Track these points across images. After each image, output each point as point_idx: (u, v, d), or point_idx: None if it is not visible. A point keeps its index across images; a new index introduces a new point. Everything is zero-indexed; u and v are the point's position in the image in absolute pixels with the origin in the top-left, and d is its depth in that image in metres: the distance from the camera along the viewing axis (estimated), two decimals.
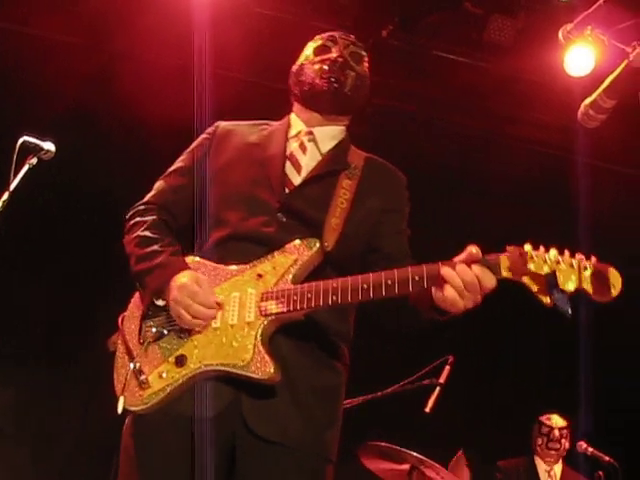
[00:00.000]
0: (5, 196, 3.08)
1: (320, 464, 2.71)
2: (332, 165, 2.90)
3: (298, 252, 2.69)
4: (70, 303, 5.68)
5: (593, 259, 2.39)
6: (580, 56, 5.37)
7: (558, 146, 6.61)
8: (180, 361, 2.66)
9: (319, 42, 3.05)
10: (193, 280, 2.67)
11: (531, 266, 2.40)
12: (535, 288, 2.41)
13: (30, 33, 5.88)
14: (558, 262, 2.38)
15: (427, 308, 2.58)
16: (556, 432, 6.25)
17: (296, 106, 3.05)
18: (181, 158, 3.01)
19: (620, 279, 2.35)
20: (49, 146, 3.27)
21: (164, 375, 2.65)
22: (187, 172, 2.96)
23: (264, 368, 2.57)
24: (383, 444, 5.09)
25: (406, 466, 5.14)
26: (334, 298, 2.56)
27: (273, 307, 2.62)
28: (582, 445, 5.88)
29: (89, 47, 5.96)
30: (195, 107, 3.95)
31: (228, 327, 2.66)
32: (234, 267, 2.73)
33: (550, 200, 6.62)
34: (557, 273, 2.36)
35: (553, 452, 6.24)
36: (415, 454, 5.06)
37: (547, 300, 2.38)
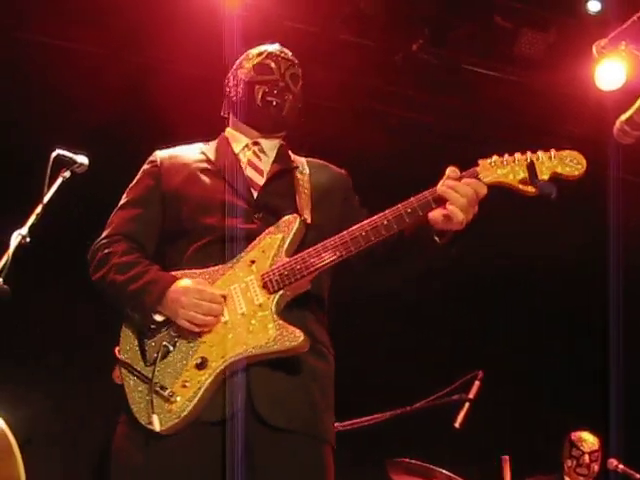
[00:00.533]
0: (39, 209, 3.10)
1: (327, 448, 2.80)
2: (285, 164, 3.07)
3: (282, 230, 2.80)
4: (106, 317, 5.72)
5: (552, 150, 2.71)
6: (612, 70, 5.35)
7: (589, 160, 6.56)
8: (201, 364, 2.67)
9: (259, 59, 3.13)
10: (193, 282, 2.74)
11: (507, 168, 2.68)
12: (516, 185, 2.67)
13: (61, 45, 5.92)
14: (526, 159, 2.68)
15: (425, 241, 2.74)
16: (586, 458, 6.16)
17: (233, 120, 3.19)
18: (128, 192, 3.06)
19: (582, 157, 2.72)
20: (82, 159, 3.29)
21: (188, 384, 2.65)
22: (140, 202, 3.00)
23: (293, 337, 2.64)
24: (412, 461, 5.06)
25: None
26: (338, 253, 2.69)
27: (280, 281, 2.70)
28: (613, 462, 5.79)
29: (120, 59, 6.00)
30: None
31: (239, 317, 2.71)
32: (222, 266, 2.80)
33: (582, 214, 6.57)
34: (533, 164, 2.65)
35: (582, 478, 6.19)
36: (444, 471, 5.02)
37: (532, 190, 2.64)
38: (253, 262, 2.77)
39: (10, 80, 5.74)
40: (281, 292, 2.71)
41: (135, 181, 3.07)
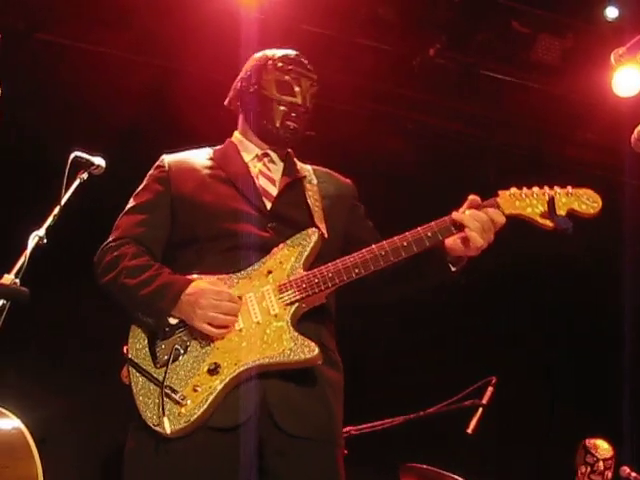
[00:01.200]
0: (56, 210, 3.12)
1: (339, 452, 2.83)
2: (294, 174, 3.07)
3: (300, 243, 2.82)
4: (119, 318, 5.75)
5: (569, 187, 2.78)
6: (629, 77, 5.36)
7: (606, 167, 6.54)
8: (213, 370, 2.68)
9: (282, 76, 3.07)
10: (209, 283, 2.75)
11: (525, 201, 2.76)
12: (535, 217, 2.75)
13: (82, 48, 5.95)
14: (544, 193, 2.76)
15: (438, 266, 2.82)
16: (601, 464, 6.08)
17: (244, 126, 3.17)
18: (135, 196, 3.04)
19: (598, 196, 2.81)
20: (99, 161, 3.31)
21: (199, 388, 2.66)
22: (148, 207, 2.98)
23: (308, 349, 2.66)
24: (424, 466, 5.06)
25: None
26: (357, 271, 2.74)
27: (296, 293, 2.73)
28: (625, 470, 5.72)
29: (139, 62, 6.02)
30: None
31: (253, 325, 2.72)
32: (238, 273, 2.80)
33: (597, 221, 6.54)
34: (553, 200, 2.73)
35: (594, 477, 6.12)
36: (456, 477, 5.01)
37: (550, 224, 2.74)
38: (270, 272, 2.79)
39: (31, 82, 5.77)
40: (297, 304, 2.74)
41: (142, 186, 3.06)
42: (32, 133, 5.79)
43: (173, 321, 2.75)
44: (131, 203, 3.03)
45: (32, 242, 3.03)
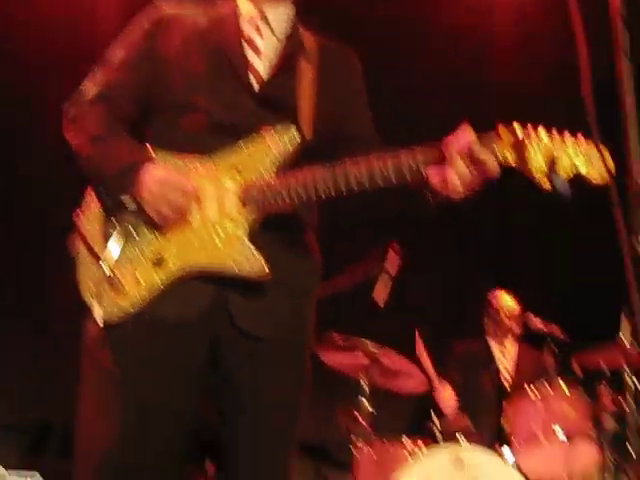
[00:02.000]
0: None
1: (307, 352, 2.69)
2: (290, 49, 2.74)
3: (275, 140, 2.55)
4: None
5: (582, 139, 2.31)
6: None
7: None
8: (158, 263, 2.52)
9: None
10: (170, 172, 2.54)
11: (529, 152, 2.32)
12: (533, 172, 2.32)
13: None
14: (547, 147, 2.31)
15: (416, 195, 2.50)
16: (502, 312, 6.16)
17: None
18: (118, 47, 2.76)
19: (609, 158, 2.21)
20: None
21: (141, 280, 2.51)
22: (129, 63, 2.71)
23: (254, 264, 2.49)
24: (339, 335, 5.05)
25: (363, 358, 5.08)
26: (326, 189, 2.46)
27: (257, 200, 2.51)
28: (530, 317, 5.78)
29: None
30: None
31: (208, 224, 2.54)
32: (204, 160, 2.58)
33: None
34: (555, 159, 2.29)
35: (500, 330, 6.19)
36: (370, 343, 5.03)
37: (546, 185, 2.30)
38: (237, 168, 2.55)
39: None
40: (256, 210, 2.52)
41: (128, 36, 2.75)
42: None
43: (130, 204, 2.55)
44: (113, 52, 2.74)
45: None
